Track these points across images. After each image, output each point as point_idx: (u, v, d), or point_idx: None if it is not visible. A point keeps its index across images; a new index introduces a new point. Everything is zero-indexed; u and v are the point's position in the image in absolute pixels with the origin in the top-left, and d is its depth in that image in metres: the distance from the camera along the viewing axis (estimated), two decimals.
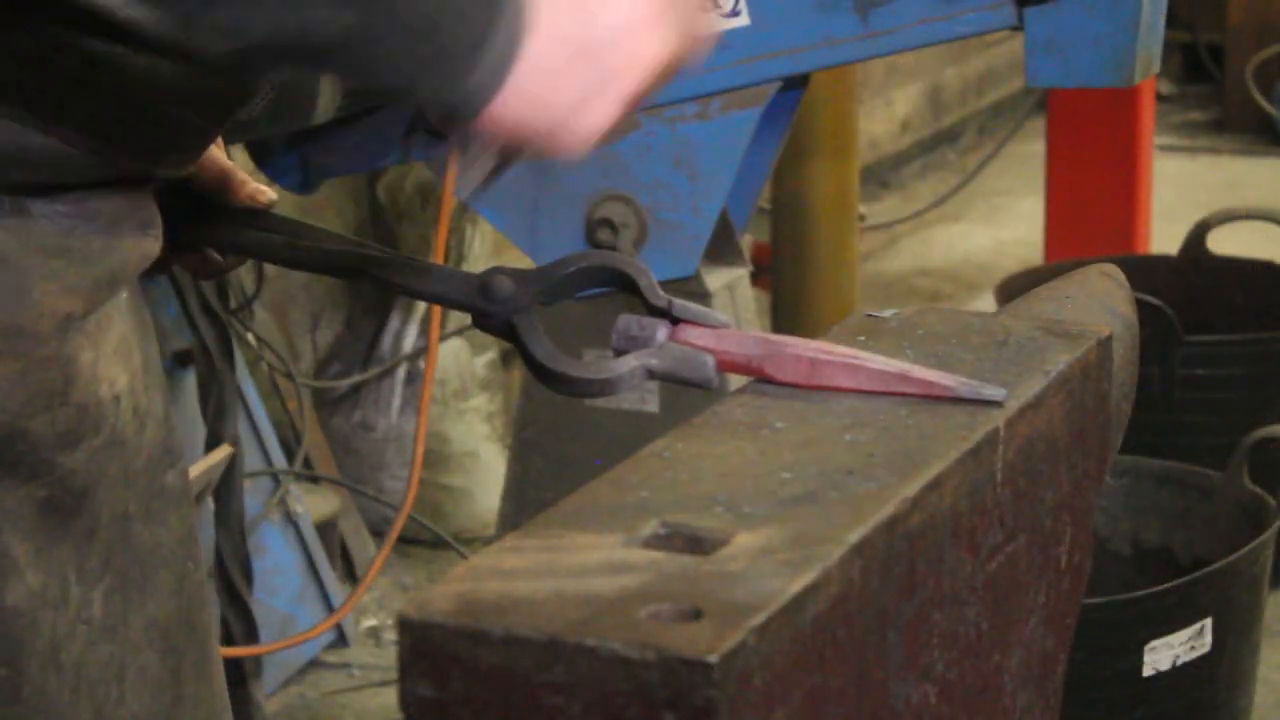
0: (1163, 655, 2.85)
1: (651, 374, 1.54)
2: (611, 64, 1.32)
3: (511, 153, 1.36)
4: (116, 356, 1.50)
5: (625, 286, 1.57)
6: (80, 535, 1.49)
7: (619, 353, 1.54)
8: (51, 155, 1.41)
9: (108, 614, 1.51)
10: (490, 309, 1.55)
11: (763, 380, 1.53)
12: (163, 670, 1.56)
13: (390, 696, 3.57)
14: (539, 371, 1.54)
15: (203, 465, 2.94)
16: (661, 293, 1.54)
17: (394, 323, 4.20)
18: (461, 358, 4.22)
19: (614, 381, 1.53)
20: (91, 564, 1.49)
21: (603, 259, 1.57)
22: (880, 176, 7.00)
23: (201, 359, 3.08)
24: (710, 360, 1.54)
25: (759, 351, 1.53)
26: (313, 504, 3.77)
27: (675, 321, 1.55)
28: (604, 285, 1.58)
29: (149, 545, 1.54)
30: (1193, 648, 2.87)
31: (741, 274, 2.96)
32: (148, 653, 1.54)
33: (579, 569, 1.22)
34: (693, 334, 1.55)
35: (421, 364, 4.07)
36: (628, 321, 1.54)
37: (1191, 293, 4.12)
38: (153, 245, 1.52)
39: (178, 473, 1.58)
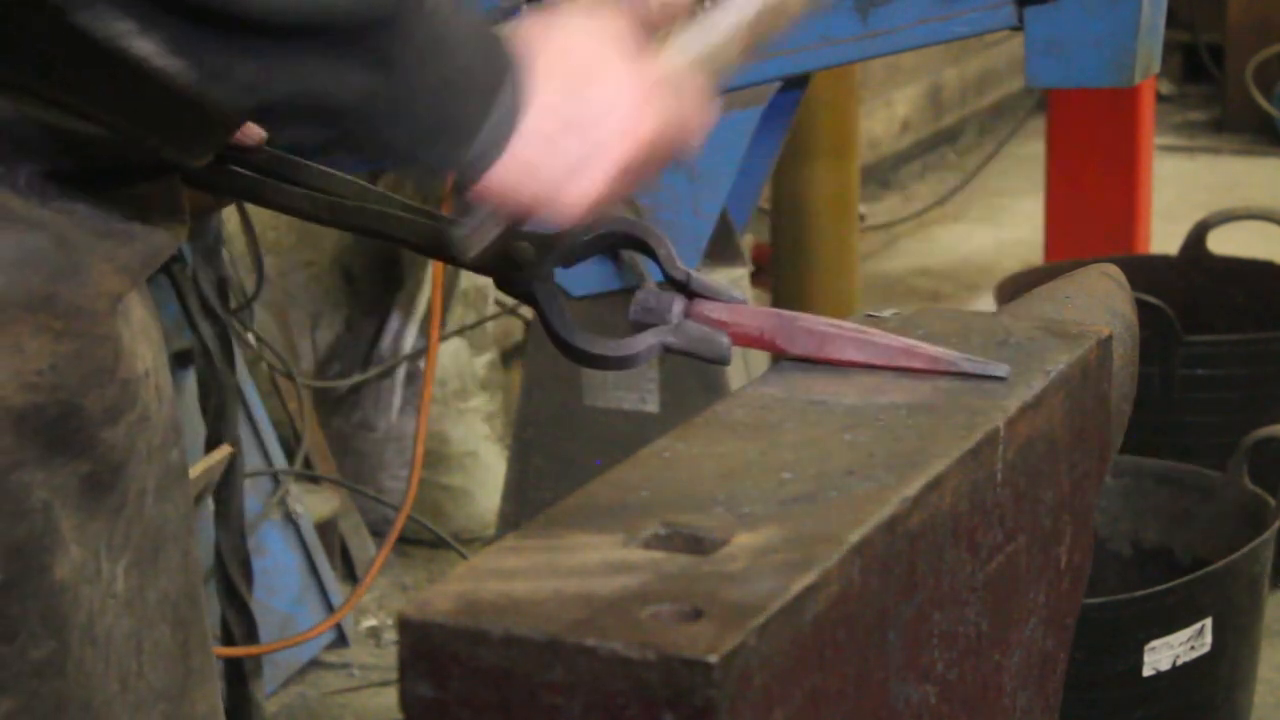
0: (1163, 655, 2.85)
1: (668, 349, 1.55)
2: (599, 137, 1.40)
3: (508, 219, 1.43)
4: (142, 334, 1.56)
5: (643, 252, 1.59)
6: (111, 510, 1.53)
7: (636, 325, 1.56)
8: (95, 141, 1.45)
9: (128, 588, 1.55)
10: (511, 273, 1.57)
11: (776, 355, 1.56)
12: (174, 643, 1.60)
13: (390, 696, 3.57)
14: (557, 342, 1.57)
15: (203, 465, 2.94)
16: (680, 264, 1.58)
17: (394, 323, 4.20)
18: (461, 358, 4.22)
19: (631, 358, 1.56)
20: (117, 539, 1.54)
21: (624, 225, 1.60)
22: (880, 176, 7.00)
23: (201, 359, 3.08)
24: (726, 340, 1.56)
25: (771, 324, 1.56)
26: (313, 504, 3.77)
27: (691, 295, 1.56)
28: (624, 248, 1.61)
29: (159, 521, 1.59)
30: (1193, 648, 2.87)
31: (741, 274, 2.96)
32: (161, 626, 1.59)
33: (579, 569, 1.22)
34: (707, 308, 1.56)
35: (421, 364, 4.07)
36: (645, 295, 1.57)
37: (1191, 293, 4.11)
38: (182, 230, 1.58)
39: (180, 450, 1.63)
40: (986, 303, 4.63)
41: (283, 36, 1.29)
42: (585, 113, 1.39)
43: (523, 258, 1.58)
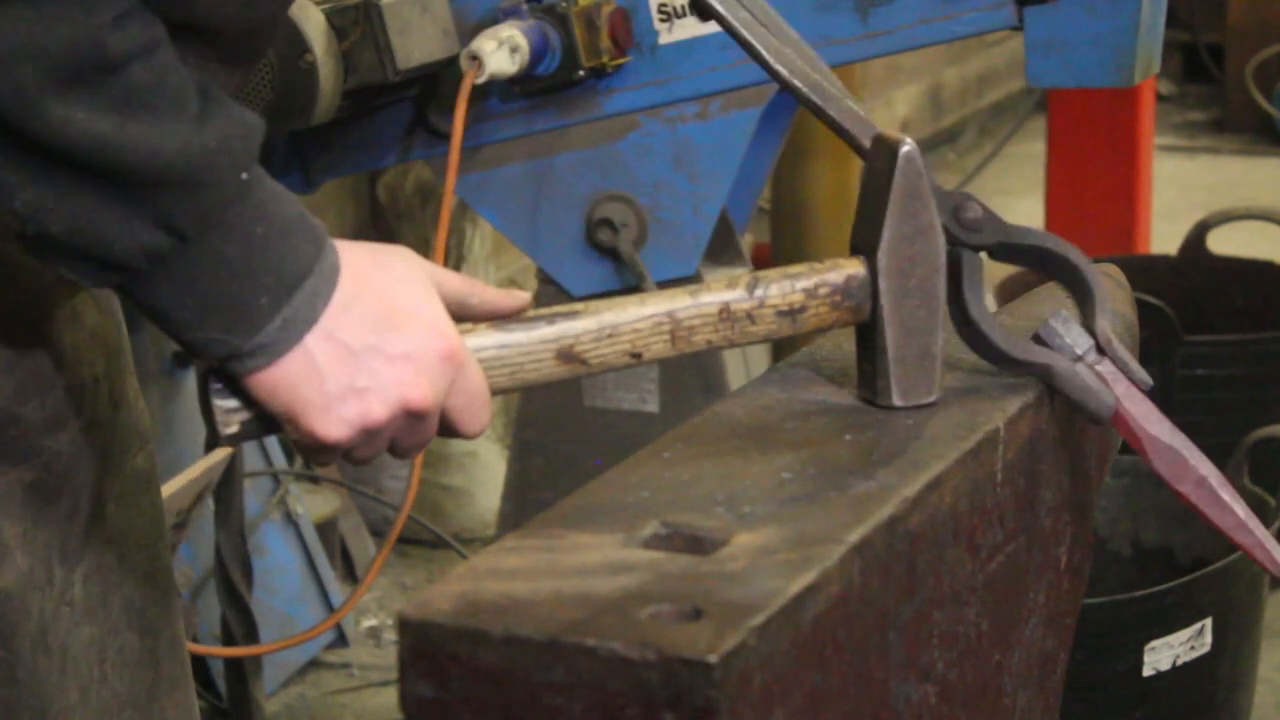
0: (1163, 655, 2.84)
1: (1048, 378, 1.52)
2: (386, 378, 1.34)
3: (261, 418, 1.37)
4: (93, 341, 1.53)
5: (1070, 289, 1.58)
6: (62, 517, 1.51)
7: (1036, 338, 1.53)
8: None
9: (88, 595, 1.54)
10: (952, 229, 1.53)
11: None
12: (141, 650, 1.59)
13: (390, 696, 3.57)
14: (960, 318, 1.53)
15: (203, 465, 2.94)
16: (1104, 325, 1.54)
17: None
18: None
19: (1024, 364, 1.52)
20: (72, 546, 1.52)
21: (1070, 256, 1.57)
22: None
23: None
24: (1111, 402, 1.52)
25: (1158, 435, 1.55)
26: (313, 504, 3.77)
27: (1100, 352, 1.54)
28: (1049, 275, 1.59)
29: (123, 527, 1.57)
30: (1193, 648, 2.87)
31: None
32: (126, 633, 1.57)
33: (579, 569, 1.22)
34: (1108, 372, 1.53)
35: None
36: (1064, 321, 1.53)
37: (1191, 293, 4.11)
38: None
39: (146, 455, 1.61)
40: (987, 303, 4.63)
41: (67, 169, 1.24)
42: (380, 347, 1.35)
43: (969, 216, 1.54)
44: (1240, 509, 1.51)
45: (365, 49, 2.58)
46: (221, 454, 2.98)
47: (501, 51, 2.56)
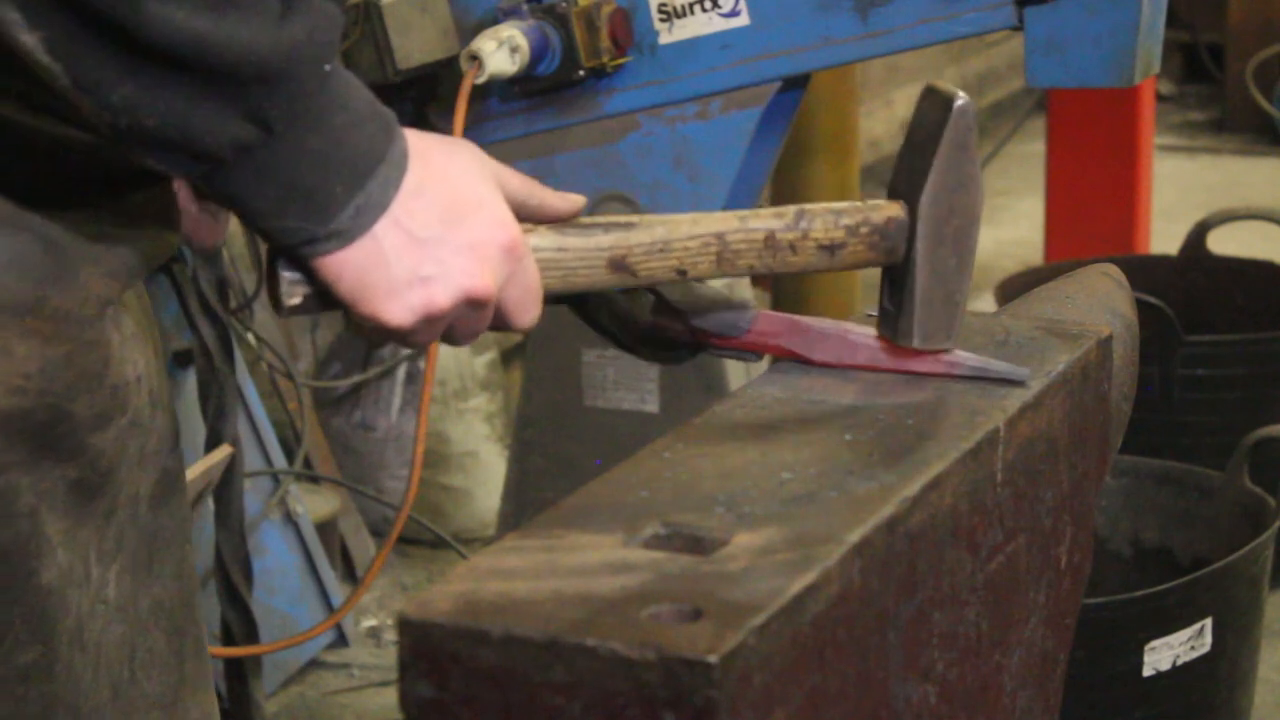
0: (1163, 655, 2.85)
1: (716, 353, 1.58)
2: (450, 266, 1.39)
3: (330, 300, 1.40)
4: (135, 341, 1.55)
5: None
6: (100, 515, 1.52)
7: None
8: (79, 147, 1.44)
9: (120, 594, 1.55)
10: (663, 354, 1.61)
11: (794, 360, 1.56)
12: (169, 651, 1.60)
13: (390, 696, 3.57)
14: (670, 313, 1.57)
15: (203, 465, 2.94)
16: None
17: None
18: (461, 358, 4.23)
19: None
20: (108, 544, 1.53)
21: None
22: (880, 176, 6.99)
23: (201, 359, 3.08)
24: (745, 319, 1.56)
25: (787, 329, 1.57)
26: (313, 504, 3.77)
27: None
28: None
29: (154, 528, 1.58)
30: (1193, 648, 2.87)
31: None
32: (155, 633, 1.58)
33: (579, 569, 1.22)
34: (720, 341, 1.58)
35: (421, 364, 4.07)
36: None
37: (1191, 293, 4.11)
38: (173, 237, 1.58)
39: (178, 458, 1.62)
40: (986, 303, 4.63)
41: (163, 65, 1.28)
42: (446, 237, 1.38)
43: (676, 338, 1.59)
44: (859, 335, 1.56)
45: (365, 49, 2.58)
46: (221, 454, 2.98)
47: (501, 51, 2.56)
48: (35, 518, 1.47)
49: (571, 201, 1.48)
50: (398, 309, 1.38)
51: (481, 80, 2.56)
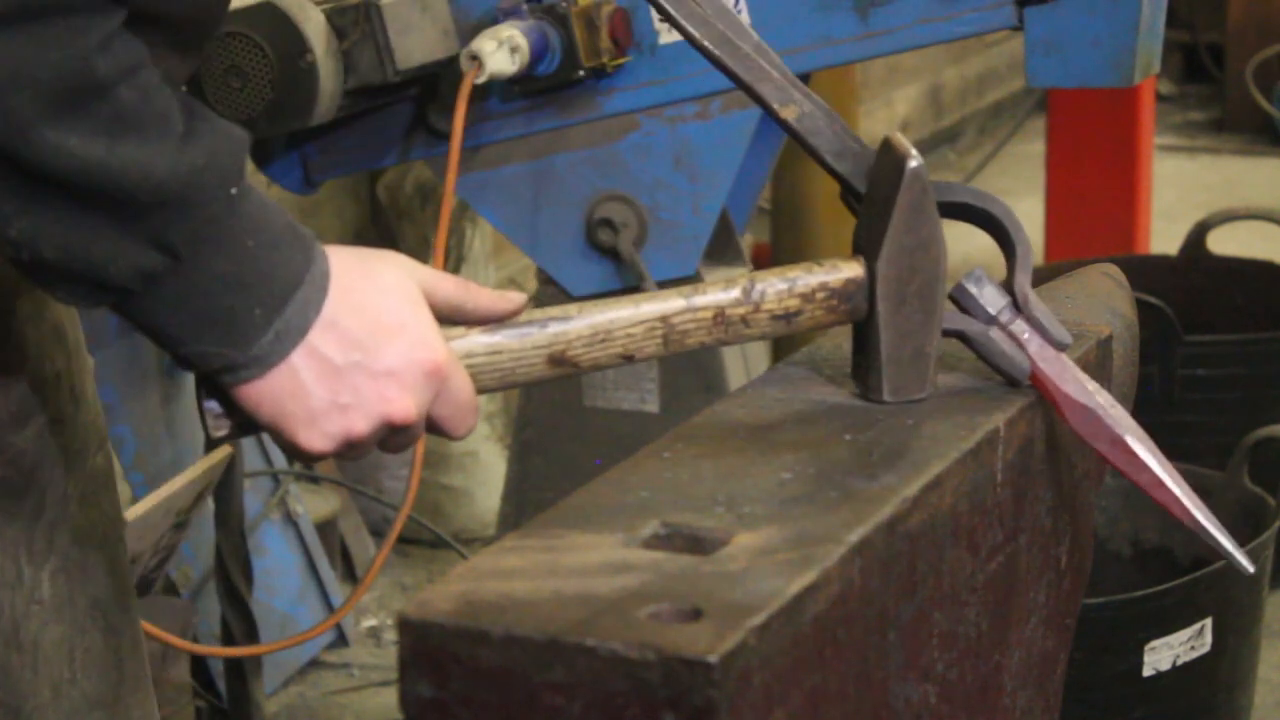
0: (1163, 655, 2.85)
1: (965, 339, 1.53)
2: (372, 392, 1.37)
3: (250, 427, 1.39)
4: (54, 337, 1.53)
5: (999, 244, 1.56)
6: (28, 515, 1.51)
7: (952, 299, 1.53)
8: None
9: (56, 594, 1.54)
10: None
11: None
12: (106, 650, 1.59)
13: (390, 696, 3.56)
14: None
15: (203, 465, 2.94)
16: (1025, 281, 1.54)
17: None
18: None
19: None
20: (39, 544, 1.52)
21: (992, 210, 1.55)
22: None
23: None
24: (1026, 365, 1.52)
25: (1072, 393, 1.51)
26: (313, 504, 3.77)
27: (1018, 309, 1.54)
28: (978, 224, 1.57)
29: (85, 526, 1.57)
30: (1193, 648, 2.87)
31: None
32: (93, 632, 1.58)
33: (579, 569, 1.22)
34: (1028, 337, 1.53)
35: None
36: (978, 280, 1.53)
37: (1191, 293, 4.11)
38: None
39: (105, 454, 1.61)
40: None
41: (60, 194, 1.25)
42: (365, 363, 1.36)
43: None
44: (1157, 465, 1.50)
45: (365, 49, 2.58)
46: (221, 454, 2.98)
47: (501, 51, 2.56)
48: None
49: (510, 300, 1.44)
50: (316, 437, 1.36)
51: (481, 80, 2.55)
